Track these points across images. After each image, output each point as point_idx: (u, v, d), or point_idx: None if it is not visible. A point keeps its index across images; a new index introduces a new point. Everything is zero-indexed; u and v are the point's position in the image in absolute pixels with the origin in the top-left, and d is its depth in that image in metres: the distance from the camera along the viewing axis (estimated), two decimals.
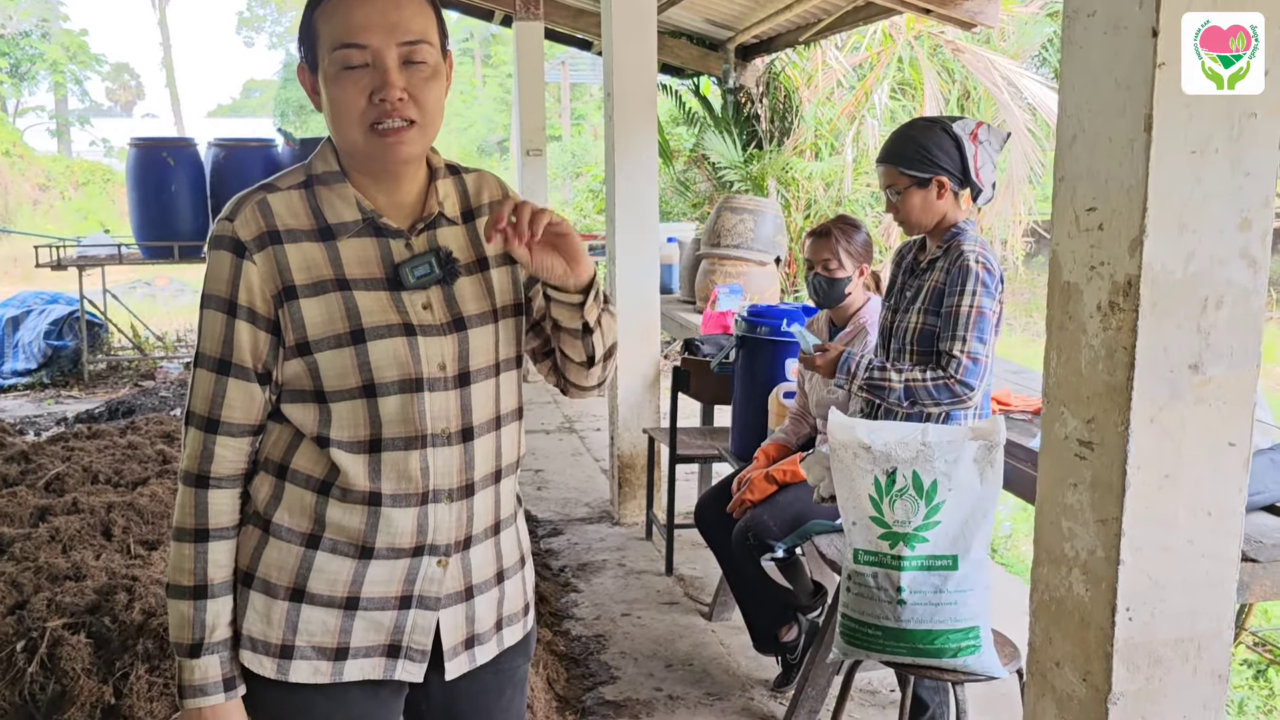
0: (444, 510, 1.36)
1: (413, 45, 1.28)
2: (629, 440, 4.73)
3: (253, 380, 1.32)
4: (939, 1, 5.41)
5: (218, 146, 8.18)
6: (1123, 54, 1.51)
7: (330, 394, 1.31)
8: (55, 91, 28.67)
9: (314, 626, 1.34)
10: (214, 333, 1.31)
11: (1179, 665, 1.62)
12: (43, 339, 8.28)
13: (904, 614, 2.12)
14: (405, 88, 1.27)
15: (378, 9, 1.26)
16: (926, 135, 2.52)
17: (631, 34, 4.56)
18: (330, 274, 1.31)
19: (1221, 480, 1.59)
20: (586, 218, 13.98)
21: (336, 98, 1.28)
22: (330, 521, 1.33)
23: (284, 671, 1.34)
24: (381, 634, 1.37)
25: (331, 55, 1.27)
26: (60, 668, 2.61)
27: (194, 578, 1.32)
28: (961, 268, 2.43)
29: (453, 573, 1.39)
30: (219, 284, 1.30)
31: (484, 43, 28.19)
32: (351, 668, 1.36)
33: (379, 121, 1.27)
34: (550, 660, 3.23)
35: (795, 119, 8.93)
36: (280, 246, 1.30)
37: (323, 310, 1.30)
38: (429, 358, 1.33)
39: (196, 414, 1.33)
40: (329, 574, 1.34)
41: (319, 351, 1.30)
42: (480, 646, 1.44)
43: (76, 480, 4.13)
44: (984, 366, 2.40)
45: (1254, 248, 1.53)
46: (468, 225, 1.41)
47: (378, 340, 1.30)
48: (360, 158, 1.32)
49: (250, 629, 1.35)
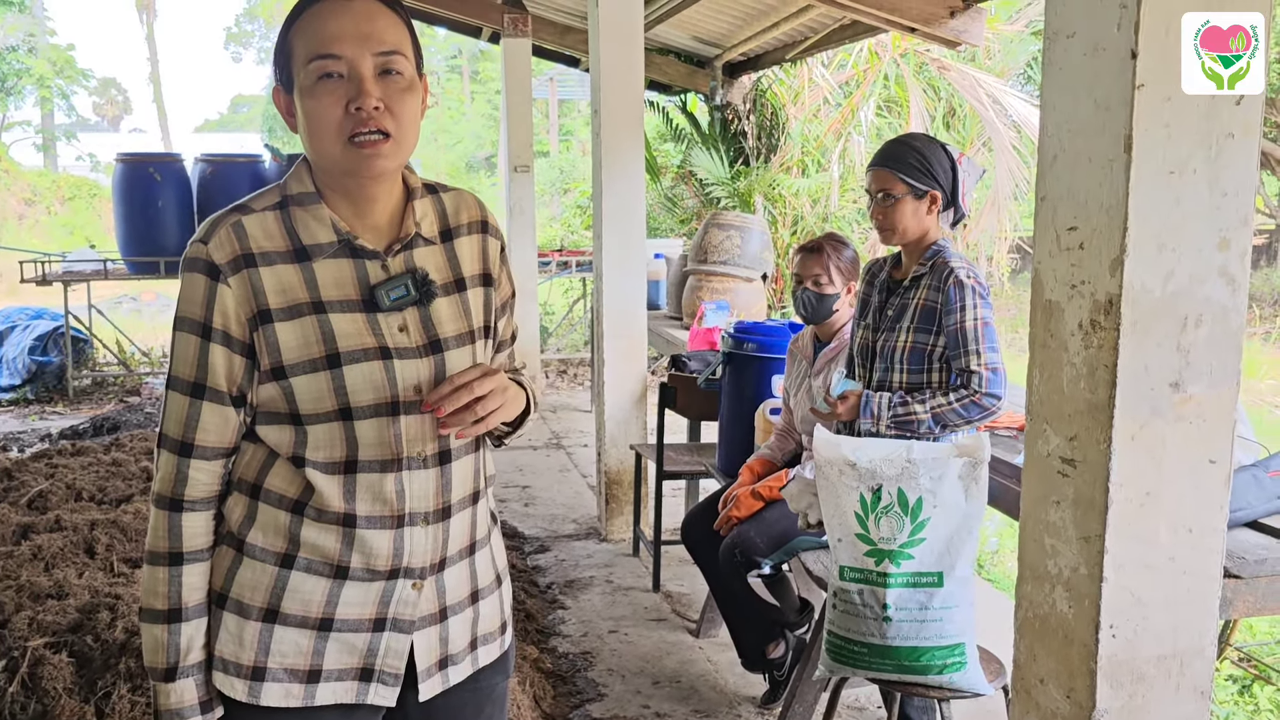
0: (420, 533, 1.36)
1: (388, 55, 1.28)
2: (616, 456, 4.72)
3: (227, 404, 1.31)
4: (924, 20, 5.46)
5: (205, 162, 8.16)
6: (1102, 75, 1.53)
7: (306, 416, 1.31)
8: (42, 106, 28.58)
9: (286, 647, 1.33)
10: (187, 356, 1.30)
11: (1162, 682, 1.63)
12: (27, 354, 8.24)
13: (889, 631, 2.12)
14: (381, 98, 1.27)
15: (351, 20, 1.27)
16: (929, 149, 2.55)
17: (619, 51, 4.59)
18: (306, 297, 1.30)
19: (1202, 497, 1.60)
20: (574, 233, 14.00)
21: (313, 110, 1.28)
22: (305, 541, 1.33)
23: (255, 694, 1.33)
24: (355, 656, 1.36)
25: (307, 68, 1.27)
26: (41, 687, 2.59)
27: (168, 601, 1.31)
28: (955, 284, 2.44)
29: (427, 595, 1.38)
30: (193, 307, 1.29)
31: (472, 59, 28.28)
32: (324, 691, 1.35)
33: (355, 133, 1.27)
34: (537, 677, 3.22)
35: (782, 136, 8.98)
36: (255, 270, 1.29)
37: (298, 334, 1.29)
38: (405, 380, 1.32)
39: (169, 437, 1.32)
40: (303, 594, 1.33)
41: (294, 376, 1.29)
42: (454, 667, 1.43)
43: (60, 497, 4.10)
44: (1003, 375, 2.43)
45: (1233, 266, 1.55)
46: (445, 245, 1.41)
47: (353, 364, 1.30)
48: (336, 174, 1.32)
49: (222, 650, 1.33)
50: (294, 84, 1.31)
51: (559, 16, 8.15)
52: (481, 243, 1.45)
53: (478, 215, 1.45)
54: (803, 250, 3.10)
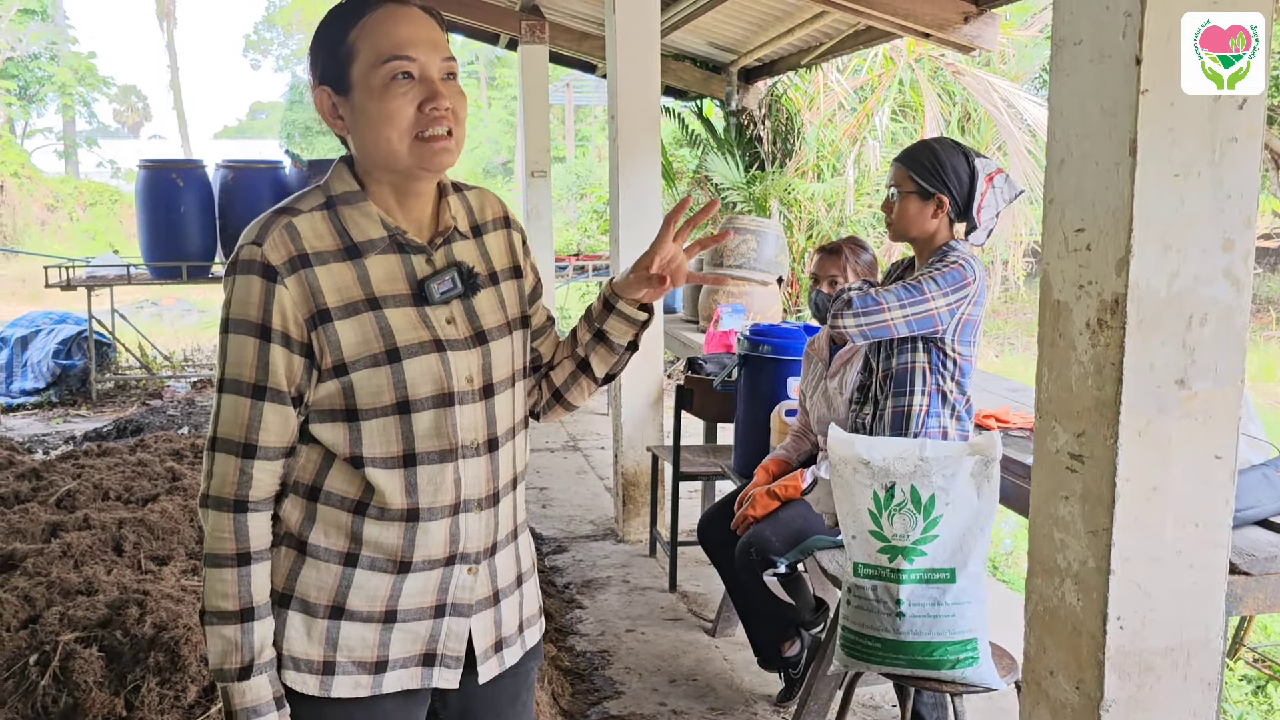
0: (474, 519, 1.40)
1: (450, 61, 1.36)
2: (633, 458, 4.77)
3: (288, 404, 1.33)
4: (938, 26, 5.49)
5: (226, 168, 8.25)
6: (1108, 81, 1.56)
7: (363, 412, 1.34)
8: (63, 113, 28.88)
9: (354, 642, 1.37)
10: (244, 358, 1.31)
11: (1169, 673, 1.66)
12: (51, 358, 8.35)
13: (903, 626, 2.15)
14: (449, 100, 1.34)
15: (421, 27, 1.34)
16: (947, 154, 2.59)
17: (635, 57, 4.63)
18: (361, 294, 1.34)
19: (1208, 492, 1.63)
20: (591, 238, 14.06)
21: (382, 110, 1.32)
22: (368, 539, 1.36)
23: (326, 688, 1.36)
24: (418, 644, 1.40)
25: (378, 69, 1.32)
26: (72, 681, 2.65)
27: (239, 601, 1.32)
28: (940, 256, 2.56)
29: (482, 579, 1.43)
30: (249, 308, 1.30)
31: (489, 65, 28.41)
32: (390, 679, 1.39)
33: (425, 130, 1.32)
34: (555, 675, 3.26)
35: (797, 141, 9.01)
36: (310, 270, 1.32)
37: (357, 331, 1.33)
38: (458, 372, 1.37)
39: (229, 439, 1.32)
40: (368, 590, 1.37)
41: (355, 371, 1.33)
42: (508, 649, 1.49)
43: (87, 497, 4.17)
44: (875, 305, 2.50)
45: (1236, 267, 1.58)
46: (477, 240, 1.47)
47: (412, 358, 1.34)
48: (397, 169, 1.36)
49: (291, 648, 1.36)
50: (349, 84, 1.35)
51: (576, 23, 8.21)
52: (507, 237, 1.51)
53: (500, 211, 1.52)
54: (821, 251, 3.15)
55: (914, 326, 2.51)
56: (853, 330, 2.52)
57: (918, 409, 2.59)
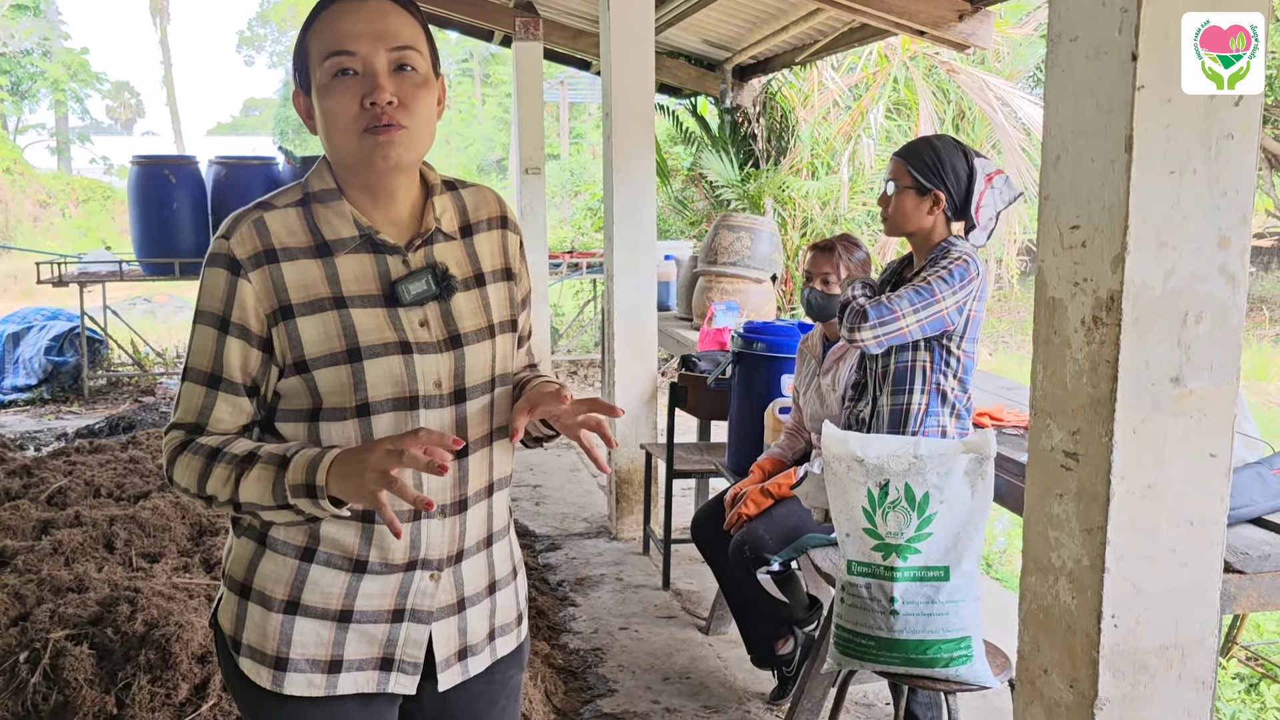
0: (436, 525, 1.38)
1: (401, 51, 1.31)
2: (626, 456, 4.76)
3: (241, 394, 1.34)
4: (933, 23, 5.49)
5: (219, 164, 8.22)
6: (1104, 77, 1.56)
7: (325, 412, 1.33)
8: (56, 109, 28.79)
9: (307, 639, 1.36)
10: (204, 348, 1.33)
11: (1163, 672, 1.66)
12: (43, 355, 8.31)
13: (897, 624, 2.15)
14: (395, 93, 1.30)
15: (365, 18, 1.30)
16: (947, 151, 2.59)
17: (630, 54, 4.62)
18: (327, 292, 1.33)
19: (1203, 490, 1.63)
20: (585, 235, 14.05)
21: (329, 108, 1.31)
22: (325, 536, 1.35)
23: (279, 683, 1.36)
24: (374, 646, 1.38)
25: (322, 66, 1.31)
26: (63, 678, 2.64)
27: (233, 458, 1.29)
28: (943, 252, 2.56)
29: (445, 586, 1.41)
30: (213, 300, 1.32)
31: (483, 62, 28.38)
32: (345, 680, 1.37)
33: (370, 127, 1.29)
34: (548, 673, 3.26)
35: (792, 138, 9.01)
36: (276, 265, 1.32)
37: (320, 329, 1.32)
38: (425, 375, 1.35)
39: (181, 423, 1.35)
40: (323, 586, 1.36)
41: (316, 369, 1.32)
42: (473, 657, 1.46)
43: (79, 494, 4.16)
44: (890, 314, 2.48)
45: (1232, 264, 1.58)
46: (465, 241, 1.43)
47: (374, 359, 1.32)
48: (356, 168, 1.34)
49: (249, 639, 1.37)
50: (311, 85, 1.34)
51: (570, 20, 8.20)
52: (502, 238, 1.47)
53: (497, 211, 1.48)
54: (815, 248, 3.14)
55: (927, 329, 2.51)
56: (871, 342, 2.51)
57: (916, 408, 2.58)
